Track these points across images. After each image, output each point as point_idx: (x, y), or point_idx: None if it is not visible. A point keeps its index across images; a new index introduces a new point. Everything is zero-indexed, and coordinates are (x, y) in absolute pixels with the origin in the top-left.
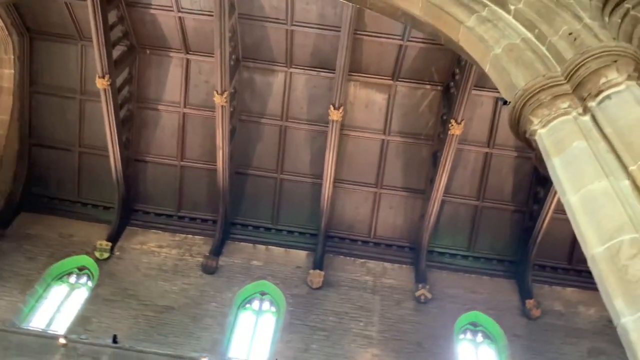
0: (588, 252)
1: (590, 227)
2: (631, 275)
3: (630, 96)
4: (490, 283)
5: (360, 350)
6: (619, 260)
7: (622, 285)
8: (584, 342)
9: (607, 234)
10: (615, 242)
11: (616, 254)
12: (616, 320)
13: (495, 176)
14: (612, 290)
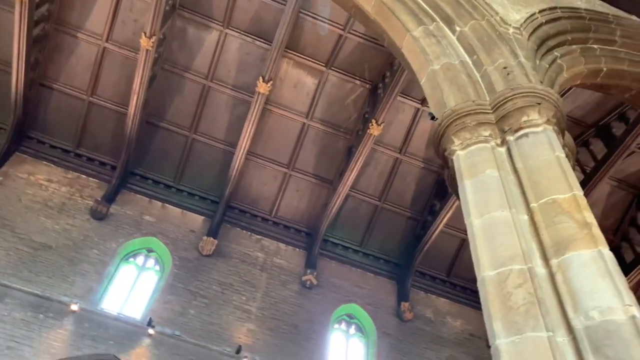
0: (480, 274)
1: (486, 251)
2: (513, 302)
3: (545, 139)
4: (373, 280)
5: (237, 323)
6: (505, 286)
7: (504, 310)
8: (445, 350)
9: (499, 260)
10: (506, 269)
11: (504, 281)
12: (492, 340)
13: (400, 182)
14: (494, 313)
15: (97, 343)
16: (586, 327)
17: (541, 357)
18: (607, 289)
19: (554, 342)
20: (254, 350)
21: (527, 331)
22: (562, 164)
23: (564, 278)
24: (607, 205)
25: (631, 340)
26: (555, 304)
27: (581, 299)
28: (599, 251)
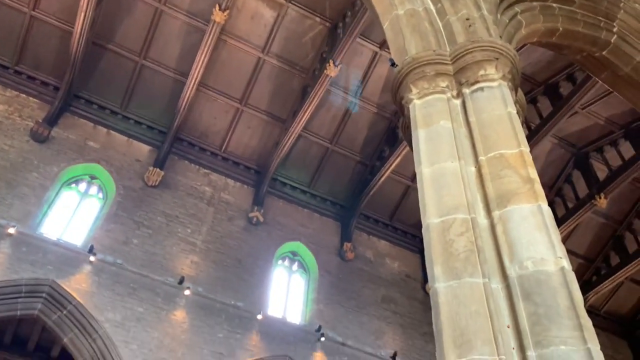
0: (425, 220)
1: (433, 199)
2: (454, 249)
3: (499, 94)
4: (319, 221)
5: (180, 255)
6: (448, 234)
7: (445, 256)
8: (381, 289)
9: (445, 209)
10: (450, 218)
11: (448, 229)
12: (431, 283)
13: (352, 126)
14: (435, 258)
15: (36, 268)
16: (519, 275)
17: (476, 301)
18: (542, 242)
19: (489, 288)
20: (197, 282)
21: (465, 277)
22: (513, 120)
23: (504, 229)
24: (546, 161)
25: (558, 290)
26: (494, 253)
27: (517, 249)
28: (538, 206)
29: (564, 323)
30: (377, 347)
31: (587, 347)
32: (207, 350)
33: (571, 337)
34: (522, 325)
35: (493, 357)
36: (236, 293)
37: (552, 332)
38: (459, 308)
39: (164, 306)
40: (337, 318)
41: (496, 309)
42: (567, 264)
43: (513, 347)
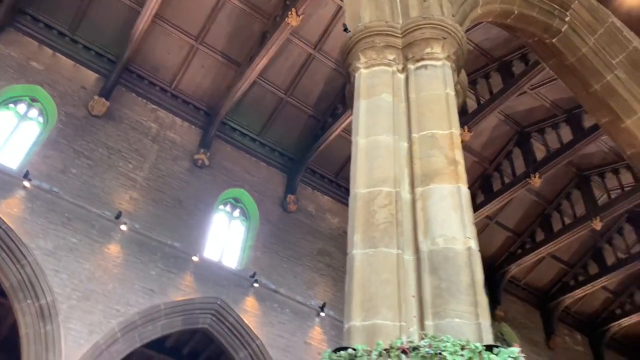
0: (353, 189)
1: (363, 170)
2: (375, 219)
3: (441, 74)
4: (266, 170)
5: (120, 189)
6: (372, 204)
7: (366, 225)
8: (319, 242)
9: (373, 180)
10: (376, 189)
11: (372, 199)
12: (349, 250)
13: (309, 79)
14: (357, 226)
15: None
16: (430, 250)
17: (388, 270)
18: (456, 222)
19: (402, 259)
20: (135, 218)
21: (381, 246)
22: (449, 101)
23: (423, 206)
24: (491, 136)
25: (462, 267)
26: (411, 227)
27: (432, 226)
28: (458, 187)
29: (462, 299)
30: (308, 296)
31: (478, 322)
32: (139, 286)
33: (466, 312)
34: (426, 297)
35: (394, 323)
36: (174, 233)
37: (450, 306)
38: (371, 275)
39: (99, 239)
40: (272, 266)
41: (405, 279)
42: (474, 244)
43: (414, 315)
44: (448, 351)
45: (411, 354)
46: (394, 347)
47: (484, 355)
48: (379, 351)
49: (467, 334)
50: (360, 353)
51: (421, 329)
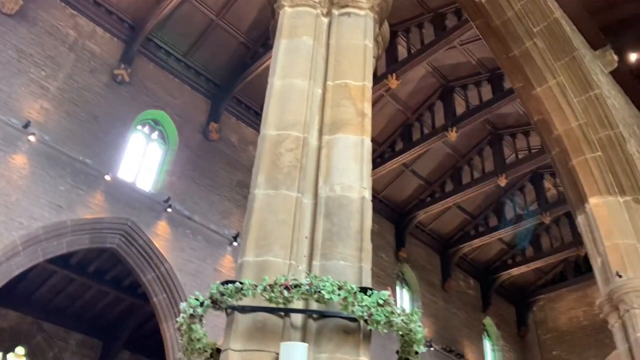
0: (263, 130)
1: (275, 111)
2: (281, 162)
3: (362, 24)
4: (189, 94)
5: (29, 97)
6: (280, 147)
7: (271, 167)
8: (238, 174)
9: (283, 123)
10: (285, 133)
11: (280, 142)
12: (252, 189)
13: (244, 3)
14: (262, 167)
15: None
16: (328, 196)
17: (286, 211)
18: (355, 172)
19: (300, 202)
20: (45, 129)
21: (283, 189)
22: (367, 53)
23: (328, 153)
24: (417, 86)
25: (354, 214)
26: (314, 173)
27: (333, 174)
28: (362, 140)
29: (349, 243)
30: (223, 226)
31: (360, 265)
32: (45, 200)
33: (351, 255)
34: (317, 239)
35: (285, 261)
36: (86, 149)
37: (337, 249)
38: (270, 215)
39: (3, 147)
40: (188, 193)
41: (301, 221)
42: (368, 195)
43: (305, 255)
44: (326, 290)
45: (293, 290)
46: (278, 284)
47: (358, 295)
48: (264, 286)
49: (348, 275)
50: (246, 287)
51: (309, 268)
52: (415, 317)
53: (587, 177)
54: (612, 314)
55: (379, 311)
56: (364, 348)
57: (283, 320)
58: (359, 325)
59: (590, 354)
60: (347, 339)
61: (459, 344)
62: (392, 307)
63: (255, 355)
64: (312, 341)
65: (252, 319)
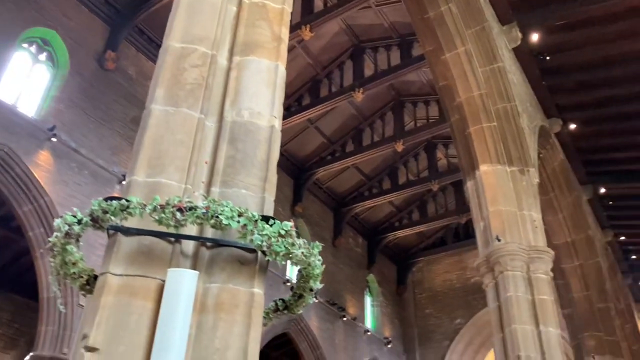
0: (166, 41)
1: (182, 23)
2: (184, 78)
3: None
4: (86, 16)
5: None
6: (183, 62)
7: (172, 81)
8: (134, 109)
9: (190, 36)
10: (192, 47)
11: (185, 57)
12: (148, 104)
13: None
14: (162, 81)
15: None
16: (234, 121)
17: (185, 131)
18: (265, 98)
19: (203, 123)
20: None
21: (184, 107)
22: None
23: (238, 75)
24: (330, 42)
25: (261, 143)
26: (220, 94)
27: (241, 98)
28: (276, 65)
29: (253, 172)
30: (112, 163)
31: (263, 195)
32: None
33: (254, 184)
34: (218, 165)
35: (180, 185)
36: None
37: (240, 177)
38: (166, 133)
39: None
40: (77, 124)
41: (202, 144)
42: (277, 124)
43: (203, 181)
44: (225, 215)
45: (187, 213)
46: (170, 204)
47: (259, 224)
48: (154, 206)
49: (250, 205)
50: (133, 205)
51: (206, 194)
52: (316, 251)
53: (481, 145)
54: (487, 274)
55: (279, 242)
56: (259, 280)
57: (172, 246)
58: (255, 256)
59: (458, 314)
60: (241, 270)
61: (342, 298)
62: (294, 238)
63: (138, 281)
64: (203, 270)
65: (137, 242)
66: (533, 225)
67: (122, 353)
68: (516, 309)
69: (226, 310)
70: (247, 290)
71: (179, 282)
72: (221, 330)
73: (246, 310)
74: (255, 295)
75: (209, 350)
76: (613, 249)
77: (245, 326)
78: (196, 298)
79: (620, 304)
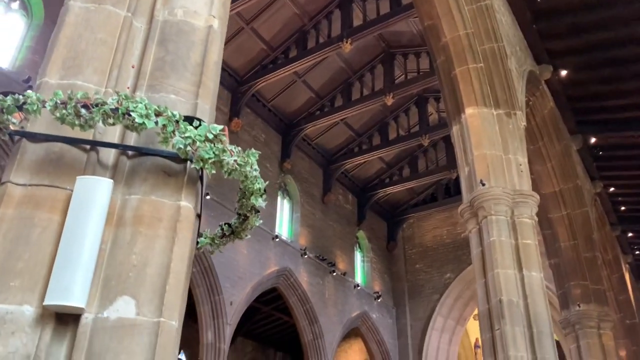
0: None
1: None
2: None
3: None
4: None
5: None
6: None
7: None
8: None
9: None
10: None
11: None
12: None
13: None
14: None
15: None
16: (165, 20)
17: (108, 31)
18: None
19: (130, 23)
20: None
21: (108, 3)
22: None
23: None
24: None
25: (196, 45)
26: None
27: None
28: None
29: (185, 76)
30: None
31: (196, 102)
32: None
33: (186, 90)
34: (145, 68)
35: (99, 88)
36: None
37: (169, 81)
38: (85, 32)
39: None
40: None
41: (127, 45)
42: (218, 25)
43: (128, 86)
44: (138, 113)
45: (93, 109)
46: (73, 99)
47: (181, 124)
48: (55, 102)
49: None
50: (32, 101)
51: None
52: (253, 159)
53: (467, 87)
54: (471, 220)
55: (207, 147)
56: (188, 192)
57: (87, 154)
58: (184, 167)
59: (448, 269)
60: (167, 181)
61: (332, 254)
62: (224, 144)
63: (44, 191)
64: (123, 181)
65: (45, 149)
66: (518, 169)
67: (20, 270)
68: (499, 253)
69: (147, 223)
70: (172, 203)
71: (89, 190)
72: (140, 245)
73: (171, 224)
74: (182, 208)
75: (125, 266)
76: (602, 201)
77: (169, 241)
78: (112, 211)
79: (608, 254)
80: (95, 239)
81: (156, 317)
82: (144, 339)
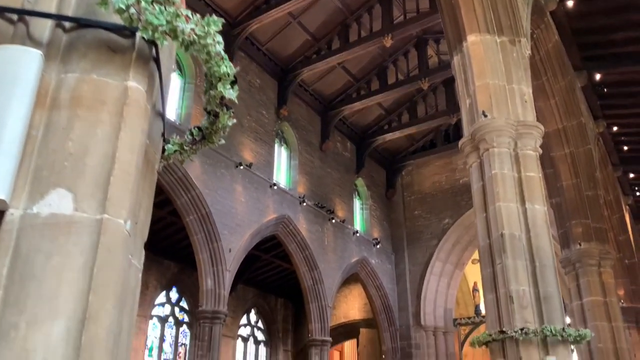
0: None
1: None
2: None
3: None
4: None
5: None
6: None
7: None
8: None
9: None
10: None
11: None
12: None
13: None
14: None
15: None
16: None
17: None
18: None
19: None
20: None
21: None
22: None
23: None
24: None
25: None
26: None
27: None
28: None
29: None
30: None
31: None
32: None
33: None
34: None
35: None
36: None
37: None
38: None
39: None
40: None
41: None
42: None
43: None
44: None
45: None
46: None
47: None
48: None
49: None
50: None
51: None
52: (213, 28)
53: (469, 12)
54: (472, 154)
55: (156, 10)
56: (138, 72)
57: (14, 27)
58: (133, 42)
59: (447, 214)
60: (112, 58)
61: (330, 201)
62: (179, 8)
63: None
64: (58, 58)
65: None
66: (522, 100)
67: None
68: (501, 186)
69: (87, 106)
70: (118, 84)
71: (11, 62)
72: (78, 131)
73: (116, 108)
74: (130, 89)
75: (59, 155)
76: (605, 141)
77: (114, 127)
78: (45, 92)
79: (609, 195)
80: (20, 121)
81: (99, 214)
82: (83, 239)
